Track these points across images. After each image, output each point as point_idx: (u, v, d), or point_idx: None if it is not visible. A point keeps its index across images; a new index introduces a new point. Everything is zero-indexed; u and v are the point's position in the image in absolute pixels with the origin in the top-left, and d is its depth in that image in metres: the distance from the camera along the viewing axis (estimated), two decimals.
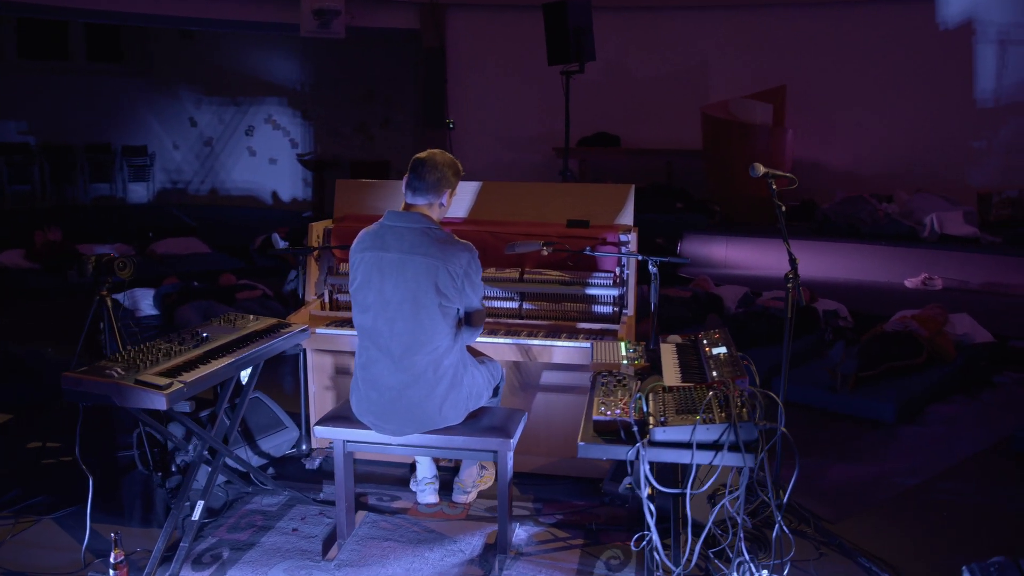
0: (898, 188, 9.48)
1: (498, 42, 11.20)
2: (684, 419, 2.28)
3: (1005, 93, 9.44)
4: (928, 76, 9.72)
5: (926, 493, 3.63)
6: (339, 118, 13.46)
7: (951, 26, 9.63)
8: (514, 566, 2.92)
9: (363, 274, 2.83)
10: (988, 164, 9.57)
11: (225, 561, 2.94)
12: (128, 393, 2.56)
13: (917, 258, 7.76)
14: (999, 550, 3.03)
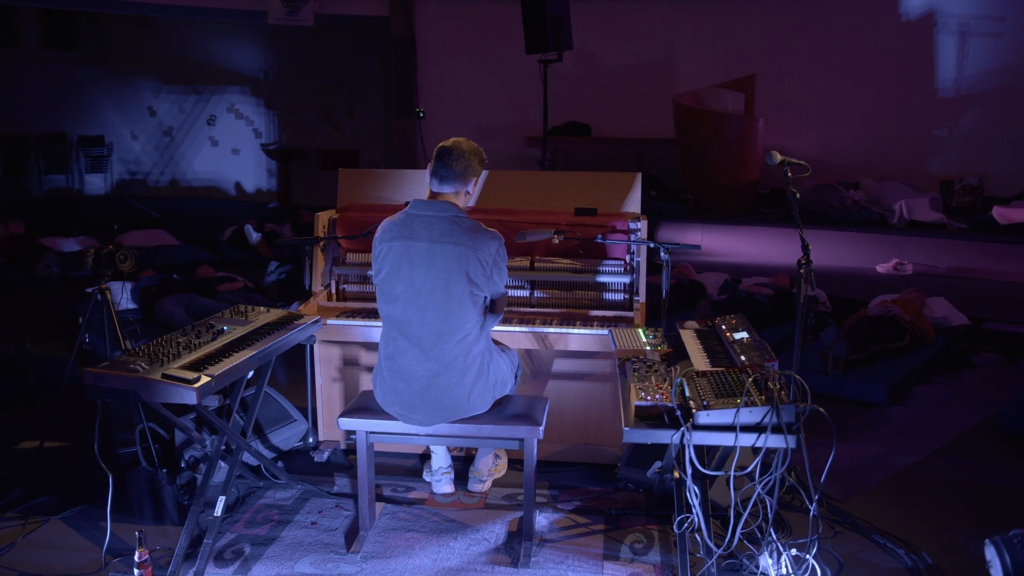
0: (864, 176, 9.69)
1: (468, 30, 11.14)
2: (726, 402, 2.31)
3: (965, 83, 9.69)
4: (892, 66, 9.93)
5: (925, 471, 3.74)
6: (304, 107, 13.24)
7: (913, 18, 9.85)
8: (540, 553, 2.94)
9: (391, 264, 2.80)
10: (949, 152, 9.83)
11: (248, 557, 2.90)
12: (156, 388, 2.50)
13: (887, 244, 7.95)
14: (1005, 524, 3.15)
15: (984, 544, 2.57)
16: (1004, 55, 9.43)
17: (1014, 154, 9.38)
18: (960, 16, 9.62)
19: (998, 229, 7.74)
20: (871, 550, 3.00)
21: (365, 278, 3.73)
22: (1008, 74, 9.43)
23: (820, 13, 10.14)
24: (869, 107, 10.06)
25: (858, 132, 10.14)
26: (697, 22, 10.75)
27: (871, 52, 9.99)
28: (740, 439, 2.27)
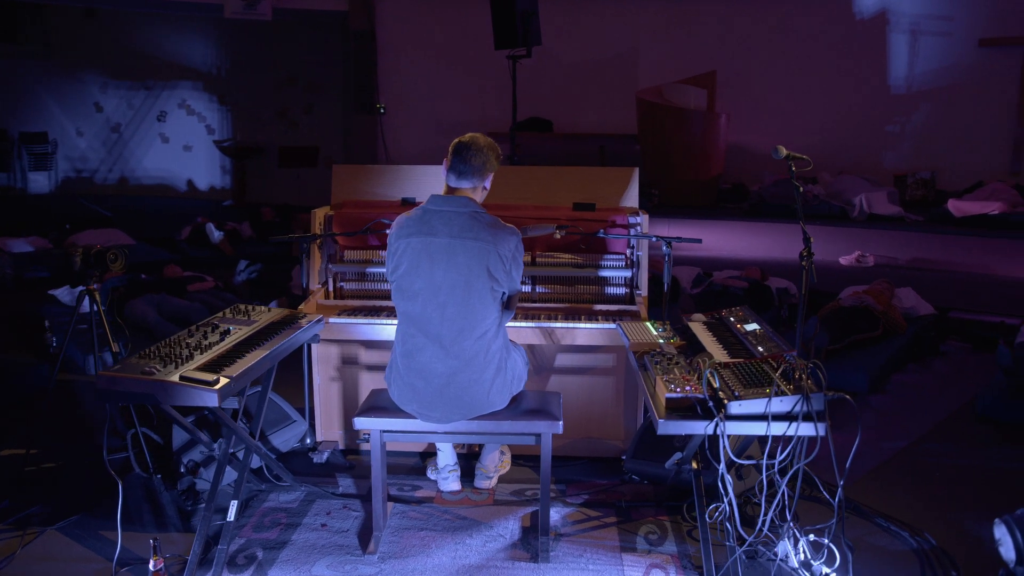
0: (821, 171, 9.92)
1: (429, 26, 11.06)
2: (755, 392, 2.35)
3: (916, 80, 10.00)
4: (846, 64, 10.19)
5: (913, 456, 3.85)
6: (259, 103, 12.98)
7: (867, 17, 10.12)
8: (557, 547, 2.94)
9: (410, 260, 2.76)
10: (902, 147, 10.14)
11: (262, 561, 2.83)
12: (174, 391, 2.42)
13: (849, 237, 8.15)
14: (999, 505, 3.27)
15: (993, 523, 2.65)
16: (952, 54, 9.76)
17: (962, 149, 9.72)
18: (911, 16, 9.92)
19: (954, 222, 8.01)
20: (876, 534, 3.08)
21: (363, 275, 3.68)
22: (956, 72, 9.76)
23: (777, 11, 10.35)
24: (825, 103, 10.31)
25: (815, 128, 10.38)
26: (657, 19, 10.86)
27: (827, 50, 10.23)
28: (772, 428, 2.31)
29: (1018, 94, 9.42)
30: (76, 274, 3.45)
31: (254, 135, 13.02)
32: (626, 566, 2.83)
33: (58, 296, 6.22)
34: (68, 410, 4.33)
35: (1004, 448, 3.96)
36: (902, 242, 7.98)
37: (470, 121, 11.25)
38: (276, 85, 12.81)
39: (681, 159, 9.57)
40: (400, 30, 10.99)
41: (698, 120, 9.55)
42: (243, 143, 13.00)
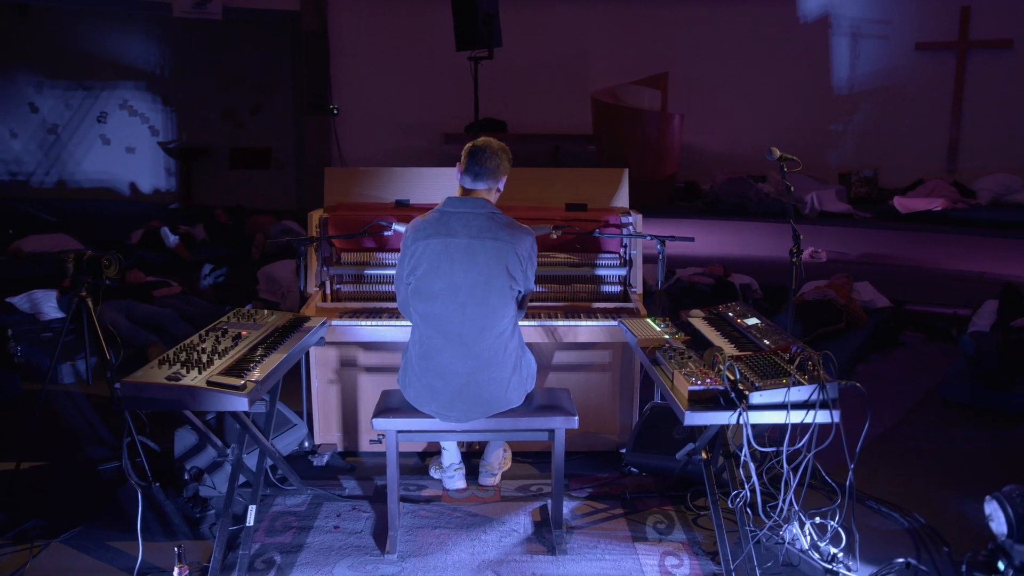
0: (770, 169, 10.23)
1: (382, 26, 11.01)
2: (774, 383, 2.46)
3: (858, 82, 10.40)
4: (792, 65, 10.53)
5: (890, 441, 4.04)
6: (204, 104, 12.71)
7: (810, 20, 10.48)
8: (571, 539, 3.01)
9: (429, 261, 2.79)
10: (845, 146, 10.53)
11: (281, 565, 2.83)
12: (202, 396, 2.41)
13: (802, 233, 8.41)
14: (975, 484, 3.48)
15: (984, 500, 2.82)
16: (891, 56, 10.18)
17: (902, 148, 10.15)
18: (852, 19, 10.31)
19: (899, 218, 8.37)
20: (868, 515, 3.23)
21: (360, 277, 3.68)
22: (894, 74, 10.18)
23: (726, 14, 10.63)
24: (772, 104, 10.63)
25: (762, 127, 10.69)
26: (608, 21, 11.03)
27: (773, 51, 10.55)
28: (791, 416, 2.42)
29: (952, 96, 9.88)
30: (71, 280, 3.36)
31: (200, 136, 12.74)
32: (640, 555, 2.91)
33: (15, 304, 6.02)
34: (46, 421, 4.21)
35: (971, 431, 4.19)
36: (852, 238, 8.30)
37: (424, 122, 11.26)
38: (222, 85, 12.56)
39: (637, 159, 9.74)
40: (353, 31, 10.91)
41: (653, 120, 9.74)
42: (189, 144, 12.71)
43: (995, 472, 3.63)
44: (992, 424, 4.27)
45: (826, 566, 2.78)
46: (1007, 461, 3.80)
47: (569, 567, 2.83)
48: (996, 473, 3.58)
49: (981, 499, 3.25)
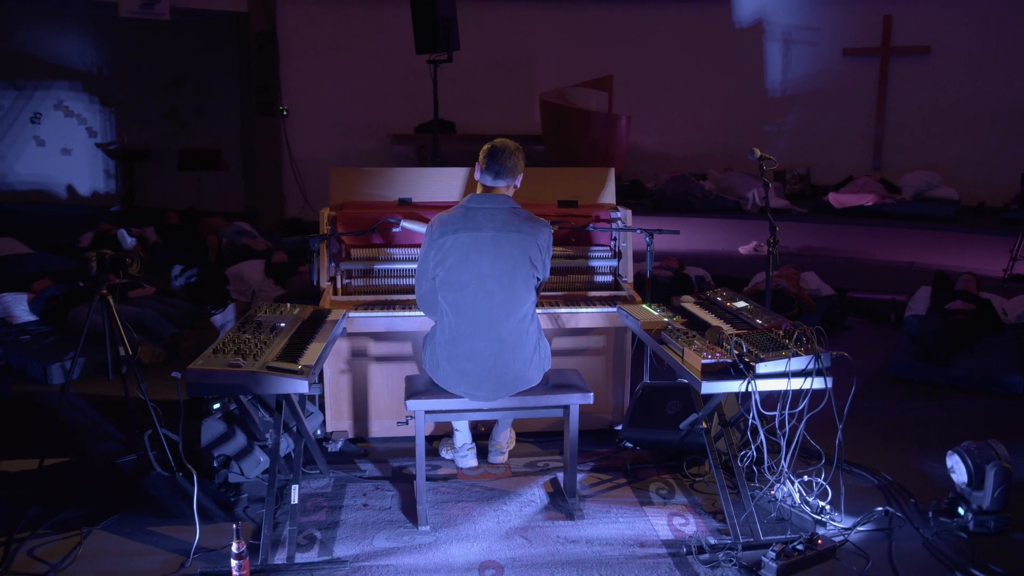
0: (709, 167, 10.76)
1: (331, 28, 11.08)
2: (776, 355, 2.79)
3: (790, 85, 11.01)
4: (728, 69, 11.08)
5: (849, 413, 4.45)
6: (145, 105, 12.53)
7: (745, 25, 11.04)
8: (586, 506, 3.29)
9: (458, 254, 3.03)
10: (779, 145, 11.12)
11: (322, 540, 3.02)
12: (264, 380, 2.59)
13: (745, 228, 8.94)
14: (926, 446, 3.91)
15: (946, 455, 3.23)
16: (820, 60, 10.82)
17: (831, 147, 10.81)
18: (784, 25, 10.91)
19: (834, 212, 8.95)
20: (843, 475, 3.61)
21: (369, 272, 3.88)
22: (823, 78, 10.83)
23: (666, 19, 11.11)
24: (710, 105, 11.16)
25: (702, 128, 11.23)
26: (553, 24, 11.36)
27: (711, 55, 11.08)
28: (791, 383, 2.76)
29: (876, 98, 10.57)
30: (93, 279, 3.46)
31: (142, 137, 12.55)
32: (650, 517, 3.22)
33: None
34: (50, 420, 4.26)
35: (918, 402, 4.65)
36: (791, 232, 8.83)
37: (373, 123, 11.38)
38: (163, 86, 12.41)
39: (586, 159, 10.11)
40: (302, 32, 10.95)
41: (600, 121, 10.12)
42: (131, 146, 12.51)
43: (943, 437, 4.06)
44: (935, 395, 4.75)
45: (816, 517, 3.14)
46: (952, 427, 4.25)
47: (589, 530, 3.11)
48: (944, 438, 4.01)
49: (937, 459, 3.71)
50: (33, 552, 2.93)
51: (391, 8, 10.97)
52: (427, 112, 11.28)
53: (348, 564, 2.85)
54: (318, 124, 11.28)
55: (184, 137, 12.25)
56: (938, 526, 3.14)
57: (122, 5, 9.63)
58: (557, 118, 10.21)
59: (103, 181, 13.00)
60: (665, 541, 3.04)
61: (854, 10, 10.50)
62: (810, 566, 2.84)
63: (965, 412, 4.48)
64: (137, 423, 3.79)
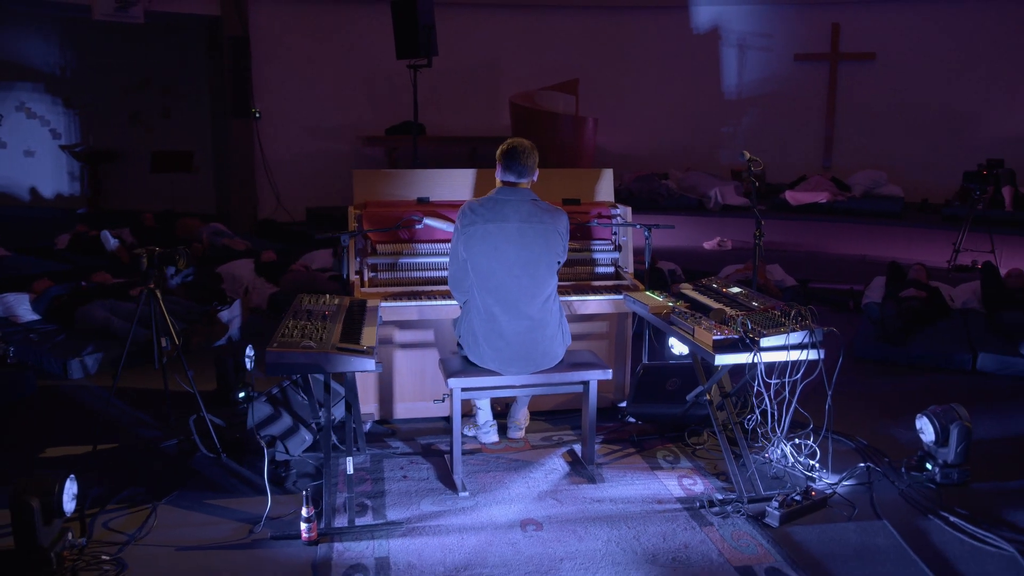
0: (671, 167, 11.28)
1: (303, 32, 11.28)
2: (775, 331, 3.21)
3: (745, 88, 11.60)
4: (687, 73, 11.62)
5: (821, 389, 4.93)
6: (109, 107, 12.53)
7: (702, 31, 11.59)
8: (604, 471, 3.68)
9: (488, 243, 3.38)
10: (735, 146, 11.70)
11: (373, 507, 3.34)
12: (335, 360, 2.91)
13: (709, 225, 9.46)
14: (891, 415, 4.39)
15: (916, 417, 3.69)
16: (773, 65, 11.43)
17: (784, 148, 11.43)
18: (738, 32, 11.49)
19: (790, 209, 9.53)
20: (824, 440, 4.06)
21: (394, 266, 4.19)
22: (776, 82, 11.44)
23: (627, 25, 11.60)
24: (670, 108, 11.69)
25: (663, 129, 11.74)
26: (520, 29, 11.76)
27: (671, 60, 11.61)
28: (791, 355, 3.19)
29: (826, 101, 11.22)
30: (142, 274, 3.71)
31: (107, 139, 12.55)
32: (661, 479, 3.62)
33: None
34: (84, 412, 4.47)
35: (879, 378, 5.16)
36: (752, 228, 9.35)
37: (343, 125, 11.61)
38: (129, 88, 12.42)
39: (555, 160, 10.49)
40: (274, 36, 11.12)
41: (569, 123, 10.53)
42: (97, 148, 12.49)
43: (907, 407, 4.55)
44: (896, 373, 5.26)
45: (807, 475, 3.58)
46: (913, 399, 4.74)
47: (610, 491, 3.49)
48: (908, 408, 4.50)
49: (903, 426, 4.20)
50: (108, 525, 3.19)
51: (362, 13, 11.23)
52: (396, 115, 11.62)
53: (403, 525, 3.18)
54: (290, 126, 11.46)
55: (150, 139, 12.29)
56: (910, 479, 3.61)
57: (96, 8, 9.68)
58: (526, 120, 10.59)
59: (67, 183, 12.95)
60: (678, 498, 3.44)
61: (804, 18, 11.12)
62: (807, 513, 3.28)
63: (923, 386, 5.00)
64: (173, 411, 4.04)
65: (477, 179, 4.46)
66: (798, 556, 2.99)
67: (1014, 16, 10.13)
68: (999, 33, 10.26)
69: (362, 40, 11.40)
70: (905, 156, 10.69)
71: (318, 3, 11.17)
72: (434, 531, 3.15)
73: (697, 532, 3.15)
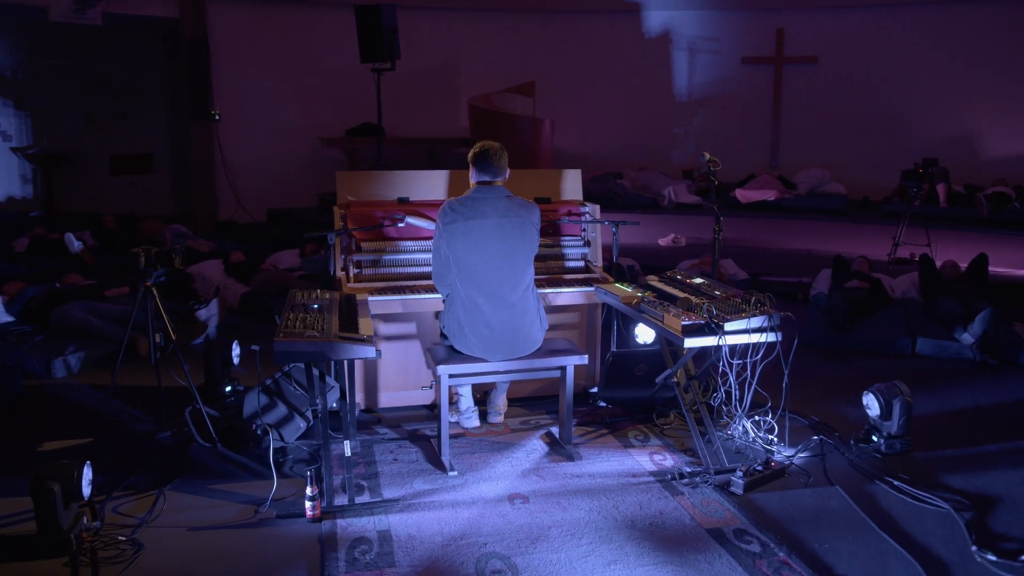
0: (625, 167, 11.65)
1: (261, 35, 11.35)
2: (738, 316, 3.53)
3: (695, 91, 12.04)
4: (640, 76, 12.01)
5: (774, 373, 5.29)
6: (63, 109, 12.39)
7: (654, 36, 11.99)
8: (580, 450, 3.96)
9: (469, 239, 3.64)
10: (686, 146, 12.15)
11: (369, 487, 3.57)
12: (338, 348, 3.13)
13: (663, 223, 9.84)
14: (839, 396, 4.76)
15: (863, 394, 4.06)
16: (721, 68, 11.90)
17: (732, 147, 11.88)
18: (688, 36, 11.92)
19: (741, 207, 9.96)
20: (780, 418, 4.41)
21: (377, 262, 4.41)
22: (725, 84, 11.91)
23: (583, 29, 11.94)
24: (624, 109, 12.06)
25: (617, 130, 12.11)
26: (478, 33, 12.00)
27: (624, 63, 11.98)
28: (752, 337, 3.51)
29: (772, 103, 11.72)
30: (140, 272, 3.86)
31: (62, 142, 12.42)
32: (634, 456, 3.91)
33: None
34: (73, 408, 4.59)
35: (827, 363, 5.55)
36: (704, 225, 9.78)
37: (302, 128, 11.72)
38: (83, 90, 12.31)
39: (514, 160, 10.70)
40: (233, 38, 11.17)
41: (526, 125, 10.82)
42: (51, 150, 12.35)
43: (854, 388, 4.94)
44: (843, 357, 5.66)
45: (766, 448, 3.91)
46: (859, 380, 5.12)
47: (588, 467, 3.78)
48: (855, 389, 4.87)
49: (851, 405, 4.57)
50: (117, 510, 3.35)
51: (321, 15, 11.36)
52: (356, 116, 11.77)
53: (400, 502, 3.41)
54: (249, 128, 11.52)
55: (107, 142, 12.21)
56: (858, 450, 3.97)
57: (52, 9, 9.65)
58: (485, 122, 10.84)
59: (20, 186, 12.75)
60: (651, 472, 3.74)
61: (751, 23, 11.60)
62: (768, 482, 3.60)
63: (867, 369, 5.40)
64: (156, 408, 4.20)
65: (451, 179, 4.70)
66: (761, 518, 3.31)
67: (947, 24, 10.75)
68: (933, 40, 10.87)
69: (321, 42, 11.53)
70: (847, 155, 11.24)
71: (277, 5, 11.26)
72: (429, 506, 3.40)
73: (670, 500, 3.46)
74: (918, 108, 11.02)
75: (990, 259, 7.02)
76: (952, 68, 10.80)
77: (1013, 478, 3.72)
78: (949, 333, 5.71)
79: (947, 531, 3.24)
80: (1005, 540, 3.16)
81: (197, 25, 10.78)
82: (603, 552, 3.04)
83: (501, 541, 3.11)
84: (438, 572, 2.91)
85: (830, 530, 3.24)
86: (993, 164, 10.55)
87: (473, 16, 11.96)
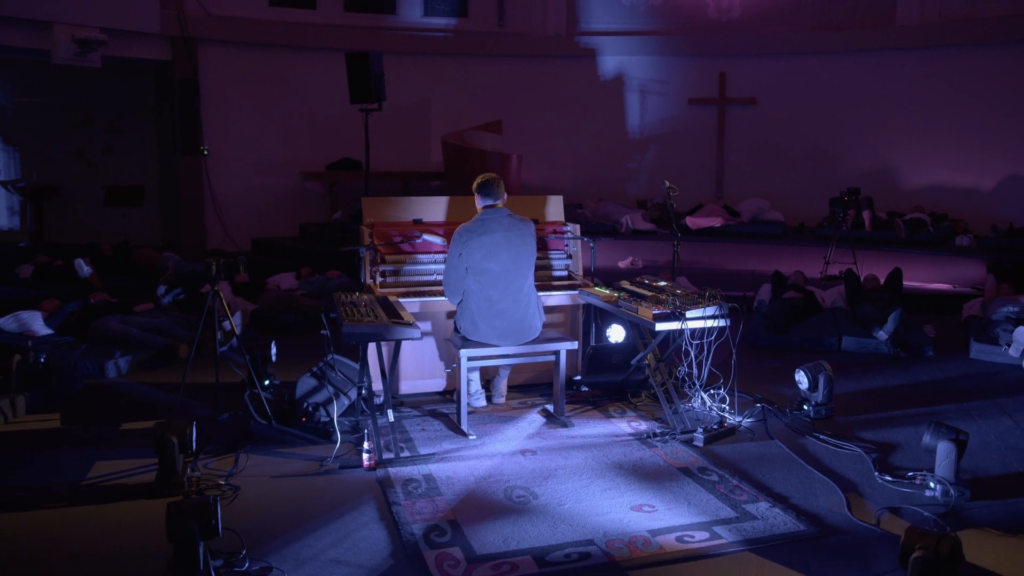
0: (585, 198, 12.72)
1: (248, 74, 12.19)
2: (696, 306, 4.52)
3: (647, 128, 13.22)
4: (597, 114, 13.15)
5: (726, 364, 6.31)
6: (51, 144, 13.03)
7: (608, 78, 13.17)
8: (572, 420, 4.88)
9: (485, 250, 4.57)
10: (639, 179, 13.29)
11: (408, 448, 4.43)
12: (392, 330, 4.02)
13: (622, 247, 10.88)
14: (777, 381, 5.78)
15: (795, 372, 5.06)
16: (670, 108, 13.10)
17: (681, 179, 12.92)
18: (640, 79, 13.13)
19: (691, 233, 11.08)
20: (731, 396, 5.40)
21: (397, 272, 5.30)
22: (674, 122, 13.11)
23: (543, 72, 13.06)
24: (582, 146, 13.17)
25: (576, 163, 13.20)
26: (448, 74, 13.03)
27: (582, 103, 13.12)
28: (708, 323, 4.50)
29: (716, 139, 12.95)
30: (210, 278, 4.68)
31: (51, 175, 13.02)
32: (615, 423, 4.85)
33: (2, 325, 6.78)
34: (136, 402, 5.35)
35: (768, 358, 6.59)
36: (659, 249, 10.87)
37: (286, 162, 12.56)
38: (69, 126, 12.97)
39: None
40: (221, 78, 11.99)
41: (496, 160, 11.80)
42: (40, 183, 12.94)
43: (788, 376, 5.94)
44: (781, 354, 6.71)
45: (721, 414, 4.89)
46: (793, 369, 6.16)
47: (580, 432, 4.70)
48: (789, 377, 5.89)
49: (787, 386, 5.57)
50: (207, 466, 4.16)
51: (305, 59, 12.28)
52: (335, 152, 12.67)
53: (435, 456, 4.29)
54: (236, 163, 12.31)
55: (92, 175, 12.85)
56: (792, 416, 4.96)
57: (56, 53, 10.36)
58: (458, 157, 11.80)
59: (6, 218, 13.29)
60: (630, 433, 4.68)
61: (697, 67, 12.86)
62: (722, 438, 4.57)
63: (801, 361, 6.37)
64: (221, 393, 5.01)
65: (452, 204, 5.62)
66: (718, 461, 4.27)
67: (870, 69, 12.12)
68: (857, 84, 12.23)
69: (305, 83, 12.43)
70: (784, 186, 12.49)
71: (263, 50, 12.13)
72: (459, 458, 4.28)
73: (647, 451, 4.40)
74: (844, 144, 12.34)
75: (907, 276, 8.20)
76: (875, 109, 12.16)
77: (910, 433, 4.75)
78: (868, 332, 6.80)
79: (858, 466, 4.24)
80: (899, 469, 4.17)
81: (188, 67, 11.59)
82: (600, 483, 3.96)
83: (520, 478, 4.01)
84: (476, 498, 3.79)
85: (771, 467, 4.21)
86: (912, 193, 11.89)
87: (445, 60, 12.99)
